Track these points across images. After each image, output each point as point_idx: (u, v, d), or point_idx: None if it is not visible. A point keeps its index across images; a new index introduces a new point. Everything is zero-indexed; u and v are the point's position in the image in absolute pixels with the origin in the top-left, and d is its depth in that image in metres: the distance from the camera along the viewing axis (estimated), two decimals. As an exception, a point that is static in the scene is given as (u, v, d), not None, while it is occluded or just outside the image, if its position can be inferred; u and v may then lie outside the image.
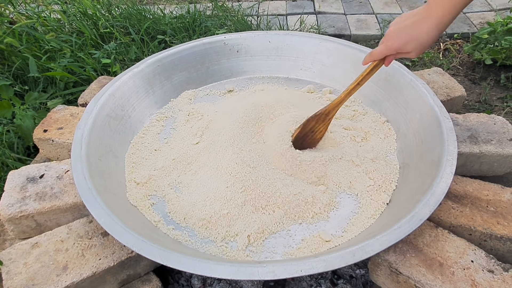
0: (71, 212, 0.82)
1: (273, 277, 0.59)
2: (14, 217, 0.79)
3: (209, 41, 1.18)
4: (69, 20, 1.68)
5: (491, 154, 0.89)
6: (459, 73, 1.53)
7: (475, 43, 1.50)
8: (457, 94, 1.10)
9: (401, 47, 0.72)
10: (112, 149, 0.91)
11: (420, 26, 0.68)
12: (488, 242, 0.75)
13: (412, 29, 0.69)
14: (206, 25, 1.69)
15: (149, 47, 1.56)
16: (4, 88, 1.25)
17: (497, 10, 1.89)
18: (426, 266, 0.68)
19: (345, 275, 0.82)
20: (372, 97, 1.08)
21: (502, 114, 1.27)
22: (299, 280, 0.80)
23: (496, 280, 0.65)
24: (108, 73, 1.43)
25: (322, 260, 0.60)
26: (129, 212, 0.79)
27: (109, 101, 0.96)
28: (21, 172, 0.87)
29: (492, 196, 0.80)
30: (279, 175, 0.84)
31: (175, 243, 0.75)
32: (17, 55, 1.40)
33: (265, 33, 1.21)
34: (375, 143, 0.95)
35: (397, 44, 0.72)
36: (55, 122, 1.03)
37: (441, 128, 0.83)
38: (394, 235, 0.64)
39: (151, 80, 1.09)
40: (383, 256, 0.70)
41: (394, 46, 0.72)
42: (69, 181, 0.85)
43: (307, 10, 2.01)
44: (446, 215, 0.77)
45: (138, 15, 1.75)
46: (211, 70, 1.20)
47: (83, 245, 0.73)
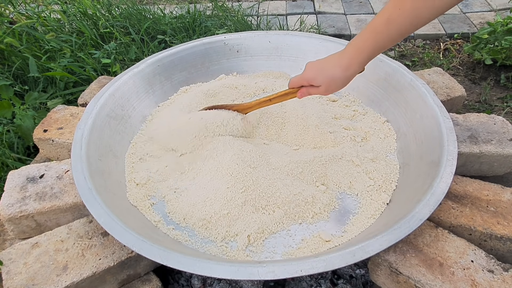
0: (71, 212, 0.82)
1: (273, 277, 0.59)
2: (14, 217, 0.79)
3: (209, 41, 1.18)
4: (69, 20, 1.68)
5: (491, 154, 0.89)
6: (459, 73, 1.53)
7: (475, 43, 1.50)
8: (457, 94, 1.10)
9: (312, 79, 0.76)
10: (112, 149, 0.91)
11: (330, 63, 0.73)
12: (488, 242, 0.75)
13: (325, 66, 0.74)
14: (206, 25, 1.69)
15: (149, 47, 1.56)
16: (4, 88, 1.25)
17: (497, 10, 1.89)
18: (426, 266, 0.68)
19: (345, 275, 0.82)
20: (372, 97, 1.08)
21: (502, 114, 1.27)
22: (299, 280, 0.80)
23: (496, 280, 0.65)
24: (108, 73, 1.43)
25: (322, 260, 0.60)
26: (129, 212, 0.79)
27: (109, 101, 0.96)
28: (21, 172, 0.87)
29: (492, 196, 0.80)
30: (279, 175, 0.84)
31: (175, 243, 0.75)
32: (17, 55, 1.40)
33: (265, 33, 1.21)
34: (375, 143, 0.95)
35: (309, 75, 0.76)
36: (55, 122, 1.03)
37: (441, 128, 0.83)
38: (394, 235, 0.64)
39: (151, 80, 1.09)
40: (383, 256, 0.70)
41: (307, 77, 0.77)
42: (69, 181, 0.85)
43: (307, 10, 2.01)
44: (446, 215, 0.77)
45: (138, 15, 1.75)
46: (211, 70, 1.20)
47: (83, 245, 0.73)
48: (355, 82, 0.80)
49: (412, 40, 1.77)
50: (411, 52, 1.68)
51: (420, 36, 1.77)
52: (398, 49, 1.70)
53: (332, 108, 1.07)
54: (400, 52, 1.69)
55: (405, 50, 1.69)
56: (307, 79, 0.77)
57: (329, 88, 0.75)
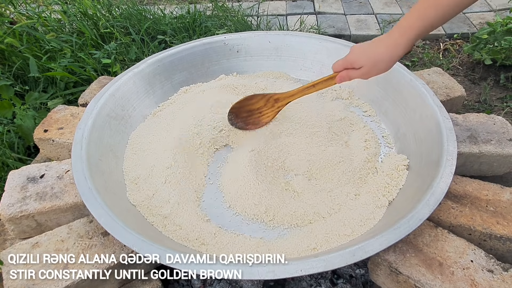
0: (72, 212, 0.82)
1: (273, 277, 0.59)
2: (15, 217, 0.79)
3: (209, 41, 1.18)
4: (70, 20, 1.68)
5: (491, 154, 0.89)
6: (459, 73, 1.53)
7: (474, 43, 1.50)
8: (456, 94, 1.10)
9: (355, 61, 0.74)
10: (112, 149, 0.91)
11: (376, 45, 0.72)
12: (487, 242, 0.75)
13: (369, 47, 0.73)
14: (206, 25, 1.69)
15: (149, 47, 1.56)
16: (5, 88, 1.25)
17: (497, 10, 1.89)
18: (426, 266, 0.68)
19: (345, 275, 0.82)
20: (372, 97, 1.08)
21: (501, 114, 1.27)
22: (299, 279, 0.80)
23: (495, 280, 0.65)
24: (108, 73, 1.43)
25: (322, 260, 0.60)
26: (129, 212, 0.79)
27: (110, 101, 0.96)
28: (21, 172, 0.87)
29: (492, 196, 0.80)
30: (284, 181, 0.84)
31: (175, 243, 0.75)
32: (18, 55, 1.40)
33: (265, 33, 1.21)
34: (375, 145, 0.95)
35: (352, 57, 0.74)
36: (55, 122, 1.03)
37: (440, 128, 0.83)
38: (394, 235, 0.64)
39: (151, 80, 1.09)
40: (383, 256, 0.70)
41: (350, 59, 0.75)
42: (70, 181, 0.85)
43: (307, 10, 2.01)
44: (445, 215, 0.77)
45: (138, 15, 1.75)
46: (211, 70, 1.20)
47: (84, 244, 0.74)
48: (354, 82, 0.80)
49: (412, 40, 1.77)
50: (410, 52, 1.68)
51: (420, 36, 1.77)
52: (398, 49, 1.70)
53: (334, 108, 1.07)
54: (400, 52, 1.69)
55: (405, 50, 1.69)
56: (350, 61, 0.75)
57: (371, 69, 0.73)
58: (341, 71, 0.77)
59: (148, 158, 0.91)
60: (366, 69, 0.73)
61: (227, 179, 0.87)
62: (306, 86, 0.85)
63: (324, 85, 0.83)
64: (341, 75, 0.77)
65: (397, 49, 0.69)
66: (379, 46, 0.71)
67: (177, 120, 1.00)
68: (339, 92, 1.12)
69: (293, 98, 0.90)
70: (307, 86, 0.85)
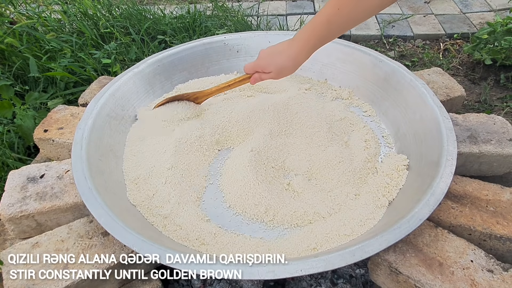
0: (72, 212, 0.82)
1: (273, 277, 0.59)
2: (15, 217, 0.79)
3: (209, 41, 1.18)
4: (70, 20, 1.68)
5: (491, 154, 0.89)
6: (459, 73, 1.53)
7: (474, 43, 1.50)
8: (456, 94, 1.10)
9: (265, 67, 0.83)
10: (112, 149, 0.91)
11: (280, 54, 0.81)
12: (487, 242, 0.75)
13: (275, 55, 0.81)
14: (206, 25, 1.69)
15: (149, 47, 1.56)
16: (5, 88, 1.25)
17: (497, 10, 1.89)
18: (426, 266, 0.68)
19: (345, 275, 0.82)
20: (372, 97, 1.08)
21: (501, 114, 1.27)
22: (299, 279, 0.80)
23: (495, 279, 0.65)
24: (108, 73, 1.43)
25: (322, 260, 0.60)
26: (129, 212, 0.79)
27: (110, 101, 0.96)
28: (21, 172, 0.87)
29: (492, 196, 0.80)
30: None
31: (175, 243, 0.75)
32: (18, 55, 1.40)
33: (265, 33, 1.21)
34: (375, 145, 0.95)
35: (262, 63, 0.83)
36: (55, 122, 1.03)
37: (440, 128, 0.83)
38: (394, 235, 0.64)
39: (151, 80, 1.09)
40: (383, 255, 0.70)
41: (260, 64, 0.84)
42: (70, 181, 0.85)
43: (307, 10, 2.02)
44: (445, 215, 0.77)
45: (139, 15, 1.75)
46: (211, 70, 1.20)
47: (84, 244, 0.74)
48: (354, 82, 0.81)
49: (411, 40, 1.77)
50: (410, 52, 1.69)
51: (420, 36, 1.77)
52: (398, 49, 1.70)
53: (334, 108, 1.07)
54: (400, 52, 1.69)
55: (404, 50, 1.69)
56: (260, 66, 0.84)
57: (279, 74, 0.83)
58: (253, 73, 0.87)
59: (148, 158, 0.91)
60: (275, 74, 0.83)
61: (227, 179, 0.87)
62: (222, 86, 0.95)
63: (238, 84, 0.93)
64: (254, 77, 0.87)
65: (298, 59, 0.80)
66: (283, 55, 0.80)
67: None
68: (339, 92, 1.13)
69: (210, 96, 1.00)
70: (223, 86, 0.95)
